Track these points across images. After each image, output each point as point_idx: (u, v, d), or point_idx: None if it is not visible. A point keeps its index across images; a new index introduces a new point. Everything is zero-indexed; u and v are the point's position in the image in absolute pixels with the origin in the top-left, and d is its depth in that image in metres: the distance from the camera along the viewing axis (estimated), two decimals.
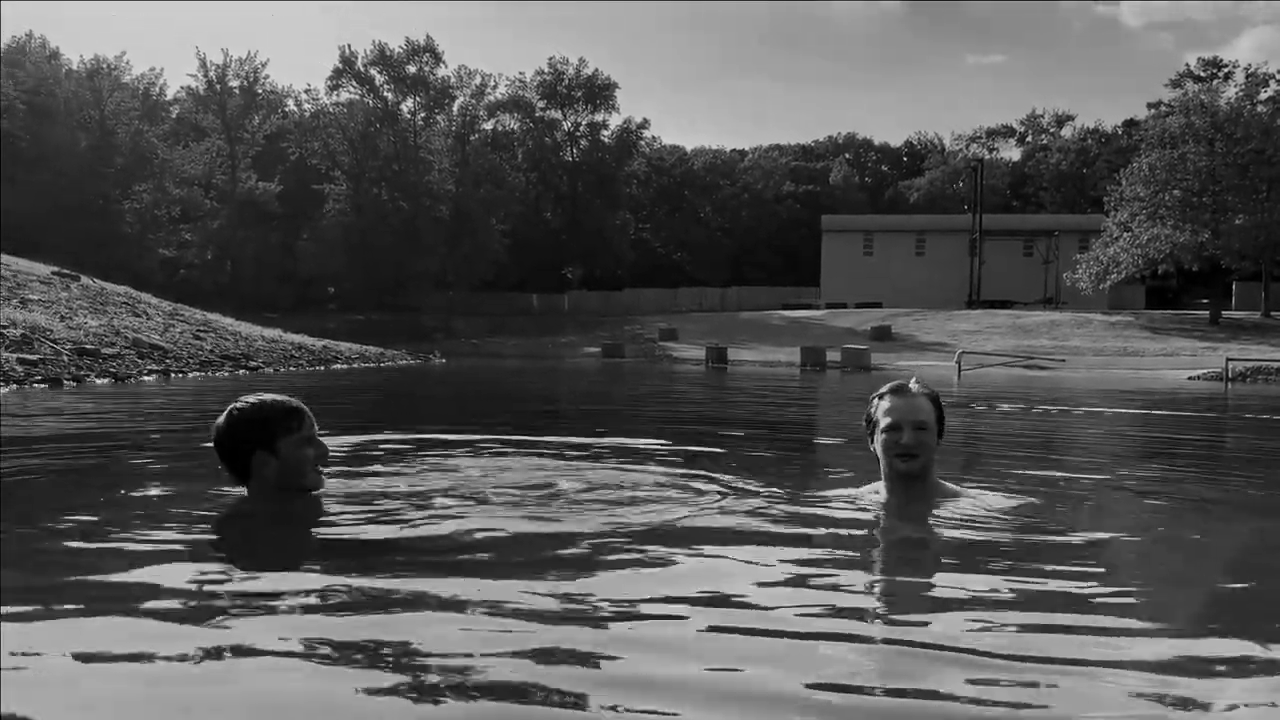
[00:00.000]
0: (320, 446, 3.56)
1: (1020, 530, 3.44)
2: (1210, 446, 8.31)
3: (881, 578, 2.96)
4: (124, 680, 1.89)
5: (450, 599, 2.43)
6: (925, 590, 2.78)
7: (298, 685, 1.87)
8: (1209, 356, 32.39)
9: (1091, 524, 3.79)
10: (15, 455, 5.32)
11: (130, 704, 1.78)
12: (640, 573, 2.80)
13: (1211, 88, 55.49)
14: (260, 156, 65.63)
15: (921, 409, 3.57)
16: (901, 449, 3.54)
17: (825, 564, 2.97)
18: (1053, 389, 17.89)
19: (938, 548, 3.27)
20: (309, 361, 20.79)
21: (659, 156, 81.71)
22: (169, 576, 2.62)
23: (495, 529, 3.31)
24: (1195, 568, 3.18)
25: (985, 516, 3.53)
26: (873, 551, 3.29)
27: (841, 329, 46.83)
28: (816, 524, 3.51)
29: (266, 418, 3.46)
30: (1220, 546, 3.51)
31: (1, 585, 2.44)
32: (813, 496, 4.02)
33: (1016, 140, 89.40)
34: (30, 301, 16.93)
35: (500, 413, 10.99)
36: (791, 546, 3.21)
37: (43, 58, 62.02)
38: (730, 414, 11.41)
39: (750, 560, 2.96)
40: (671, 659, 2.04)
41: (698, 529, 3.40)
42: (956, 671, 1.96)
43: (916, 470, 3.57)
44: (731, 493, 4.06)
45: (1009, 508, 3.72)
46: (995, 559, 3.03)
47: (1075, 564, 2.99)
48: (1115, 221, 45.90)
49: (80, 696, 1.81)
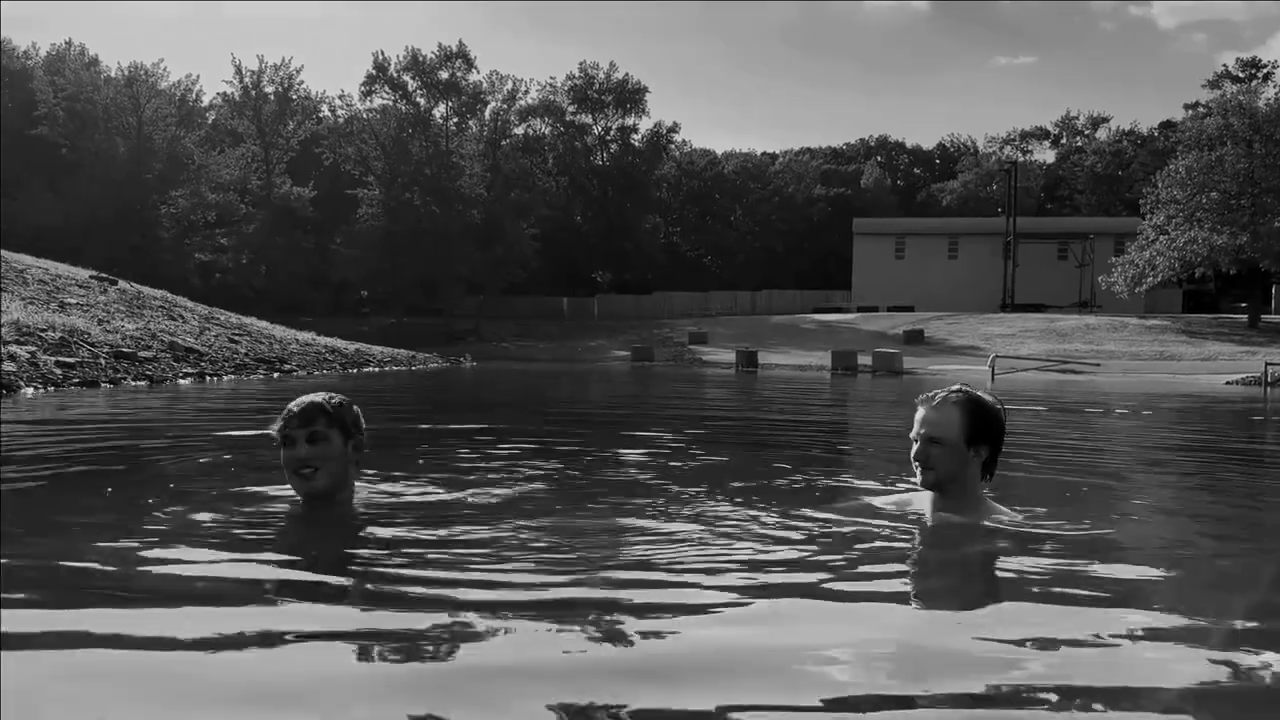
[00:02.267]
0: (296, 450, 3.36)
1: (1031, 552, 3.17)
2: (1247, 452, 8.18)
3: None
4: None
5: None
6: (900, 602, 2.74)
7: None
8: (1247, 360, 31.90)
9: (1107, 549, 3.41)
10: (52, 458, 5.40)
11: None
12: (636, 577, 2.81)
13: (1250, 88, 54.72)
14: (295, 162, 66.22)
15: (935, 421, 3.37)
16: (915, 459, 3.43)
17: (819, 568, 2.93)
18: (1088, 393, 17.69)
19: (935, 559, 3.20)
20: (342, 365, 20.95)
21: (689, 160, 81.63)
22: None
23: (520, 536, 3.32)
24: (1227, 589, 3.12)
25: (999, 534, 3.33)
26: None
27: (873, 332, 46.56)
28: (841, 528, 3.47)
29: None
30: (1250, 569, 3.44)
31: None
32: (847, 502, 3.98)
33: (1051, 142, 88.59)
34: (69, 305, 17.19)
35: (536, 418, 11.02)
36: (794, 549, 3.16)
37: (81, 65, 62.97)
38: (761, 417, 11.38)
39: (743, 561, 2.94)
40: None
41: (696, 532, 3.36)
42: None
43: (930, 483, 3.41)
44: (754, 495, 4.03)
45: (1032, 529, 3.44)
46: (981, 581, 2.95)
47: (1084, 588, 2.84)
48: (1151, 224, 45.30)
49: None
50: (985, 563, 3.16)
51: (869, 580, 2.81)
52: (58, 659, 2.01)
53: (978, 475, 3.45)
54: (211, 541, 3.17)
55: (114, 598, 2.49)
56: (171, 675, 1.93)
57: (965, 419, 3.37)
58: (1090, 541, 3.41)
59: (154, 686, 1.87)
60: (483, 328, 57.22)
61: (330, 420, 3.38)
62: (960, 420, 3.37)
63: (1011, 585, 2.83)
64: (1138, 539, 3.64)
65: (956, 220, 69.84)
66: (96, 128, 58.85)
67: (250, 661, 2.02)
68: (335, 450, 3.39)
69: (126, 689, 1.85)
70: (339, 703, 1.80)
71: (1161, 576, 3.05)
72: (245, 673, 1.95)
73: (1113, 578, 2.91)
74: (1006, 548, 3.21)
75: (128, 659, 2.01)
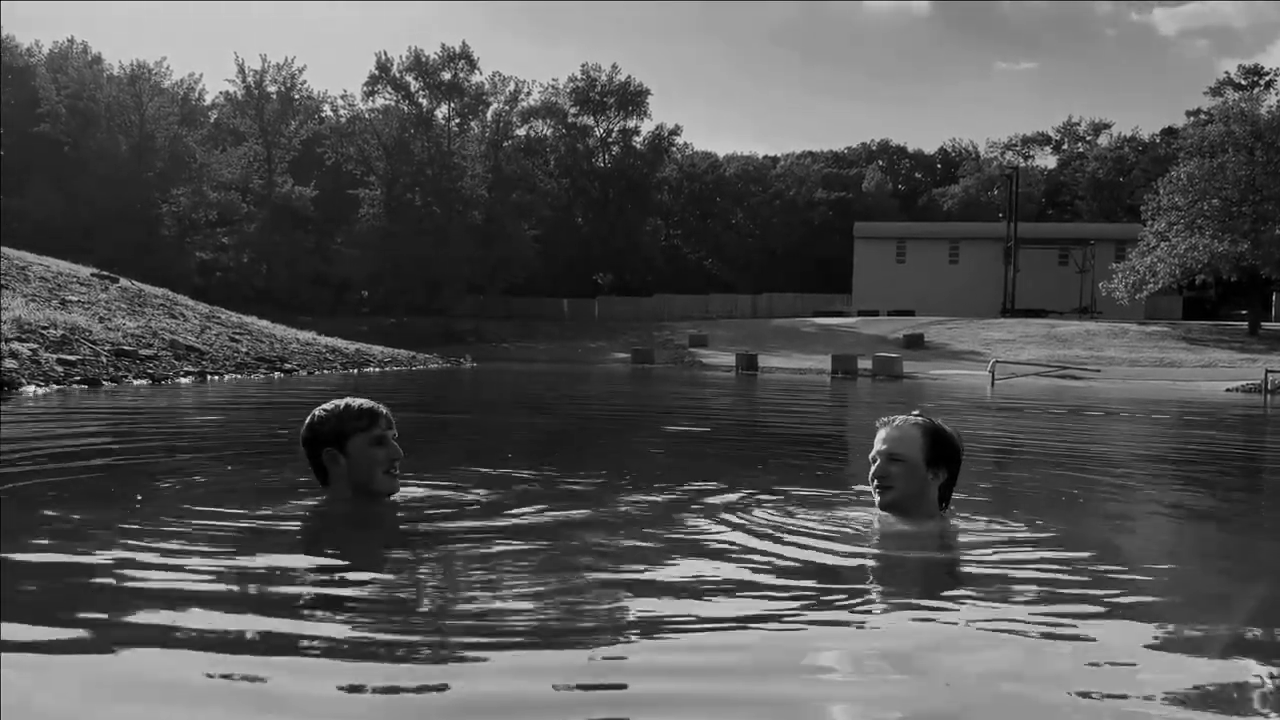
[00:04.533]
0: (392, 449, 3.50)
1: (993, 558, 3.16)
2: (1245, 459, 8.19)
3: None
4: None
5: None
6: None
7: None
8: (1247, 368, 31.89)
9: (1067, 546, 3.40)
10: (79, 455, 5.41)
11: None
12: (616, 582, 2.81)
13: (1252, 96, 54.78)
14: (296, 161, 66.25)
15: (896, 439, 3.38)
16: (873, 478, 3.41)
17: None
18: (1087, 399, 17.69)
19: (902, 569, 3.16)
20: (342, 364, 20.96)
21: (691, 163, 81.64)
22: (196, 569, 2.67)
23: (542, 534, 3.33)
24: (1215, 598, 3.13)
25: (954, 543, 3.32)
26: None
27: (873, 336, 46.56)
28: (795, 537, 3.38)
29: (339, 415, 3.48)
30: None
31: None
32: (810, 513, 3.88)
33: (1052, 148, 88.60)
34: (70, 303, 17.21)
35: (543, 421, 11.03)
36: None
37: (84, 63, 63.05)
38: (760, 421, 11.39)
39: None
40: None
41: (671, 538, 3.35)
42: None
43: (888, 503, 3.39)
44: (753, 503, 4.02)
45: (988, 537, 3.42)
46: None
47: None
48: (1152, 231, 45.31)
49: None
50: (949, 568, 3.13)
51: (863, 597, 2.82)
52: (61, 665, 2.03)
53: (935, 499, 3.46)
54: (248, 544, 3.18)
55: (120, 601, 2.50)
56: (173, 678, 1.95)
57: (925, 440, 3.39)
58: (1053, 545, 3.39)
59: (155, 690, 1.88)
60: (483, 328, 57.25)
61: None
62: (920, 440, 3.39)
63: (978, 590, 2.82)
64: (1120, 552, 3.64)
65: (958, 225, 69.84)
66: (99, 126, 58.93)
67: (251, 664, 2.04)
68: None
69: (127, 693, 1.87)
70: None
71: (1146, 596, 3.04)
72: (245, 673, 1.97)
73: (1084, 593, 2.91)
74: (961, 558, 3.19)
75: (130, 661, 2.03)
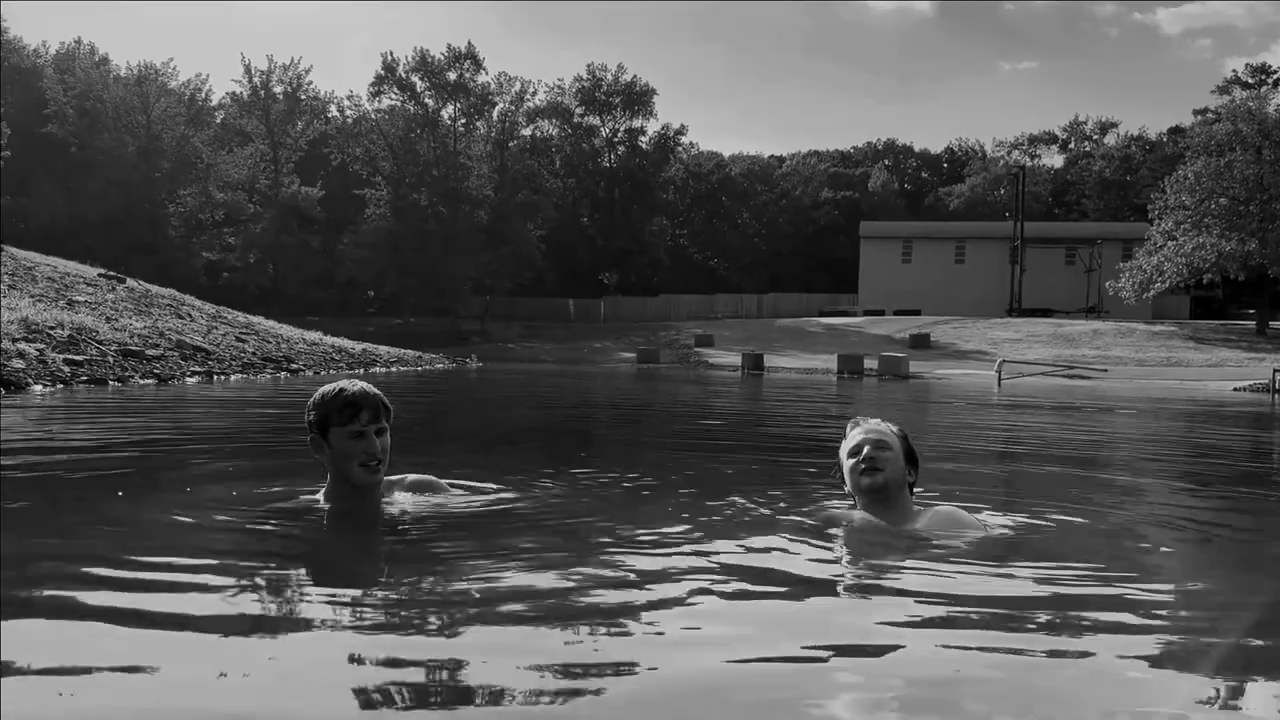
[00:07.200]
0: (369, 444, 3.39)
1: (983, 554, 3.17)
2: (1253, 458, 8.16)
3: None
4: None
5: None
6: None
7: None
8: (1255, 367, 31.81)
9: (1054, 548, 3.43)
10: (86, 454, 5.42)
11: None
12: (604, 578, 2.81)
13: (1259, 94, 54.62)
14: (303, 161, 66.32)
15: (880, 429, 3.55)
16: (864, 462, 3.45)
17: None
18: (1095, 398, 17.64)
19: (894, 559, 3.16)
20: (348, 364, 20.97)
21: (696, 163, 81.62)
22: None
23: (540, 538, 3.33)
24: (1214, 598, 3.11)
25: (946, 533, 3.35)
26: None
27: (879, 336, 46.51)
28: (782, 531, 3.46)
29: (325, 405, 3.44)
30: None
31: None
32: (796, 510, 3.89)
33: (1059, 147, 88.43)
34: (77, 303, 17.25)
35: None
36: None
37: (91, 64, 63.16)
38: (767, 418, 11.37)
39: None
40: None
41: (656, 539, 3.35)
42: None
43: (879, 484, 3.44)
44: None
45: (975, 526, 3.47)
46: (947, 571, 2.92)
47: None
48: (1159, 230, 45.20)
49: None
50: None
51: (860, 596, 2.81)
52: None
53: (910, 496, 3.58)
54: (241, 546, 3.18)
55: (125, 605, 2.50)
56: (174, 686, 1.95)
57: (899, 440, 3.56)
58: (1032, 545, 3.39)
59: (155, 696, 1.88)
60: (489, 328, 57.30)
61: (389, 414, 3.47)
62: (897, 439, 3.56)
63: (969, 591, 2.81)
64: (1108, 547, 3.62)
65: (964, 224, 69.71)
66: (106, 126, 59.06)
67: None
68: (389, 444, 3.49)
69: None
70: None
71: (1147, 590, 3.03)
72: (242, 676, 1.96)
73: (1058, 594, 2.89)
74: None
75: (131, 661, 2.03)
